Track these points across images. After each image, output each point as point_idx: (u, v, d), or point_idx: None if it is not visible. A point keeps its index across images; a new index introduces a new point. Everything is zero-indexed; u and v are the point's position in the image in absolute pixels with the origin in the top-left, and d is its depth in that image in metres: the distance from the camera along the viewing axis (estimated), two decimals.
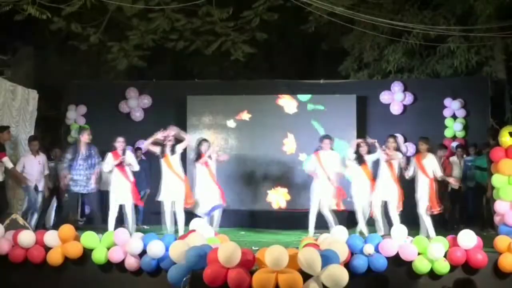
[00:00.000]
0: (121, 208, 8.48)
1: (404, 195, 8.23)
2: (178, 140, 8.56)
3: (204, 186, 8.65)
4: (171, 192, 8.37)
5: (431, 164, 8.15)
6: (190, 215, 8.36)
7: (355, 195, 8.53)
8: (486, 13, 11.23)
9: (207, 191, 8.63)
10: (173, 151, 8.40)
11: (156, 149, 8.45)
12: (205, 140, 8.84)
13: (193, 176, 8.83)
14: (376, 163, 8.47)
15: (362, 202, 8.50)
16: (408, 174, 8.27)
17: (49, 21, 10.65)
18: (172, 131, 8.49)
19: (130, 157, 8.45)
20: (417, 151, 8.33)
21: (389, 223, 8.13)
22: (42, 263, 6.69)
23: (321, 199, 8.60)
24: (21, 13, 10.10)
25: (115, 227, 7.80)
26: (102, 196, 9.08)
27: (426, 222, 8.08)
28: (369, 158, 8.53)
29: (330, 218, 8.52)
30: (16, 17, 10.32)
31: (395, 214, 8.16)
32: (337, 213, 8.70)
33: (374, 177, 8.44)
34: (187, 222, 7.90)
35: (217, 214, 8.76)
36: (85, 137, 8.60)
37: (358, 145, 8.59)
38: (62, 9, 10.66)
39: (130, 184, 8.34)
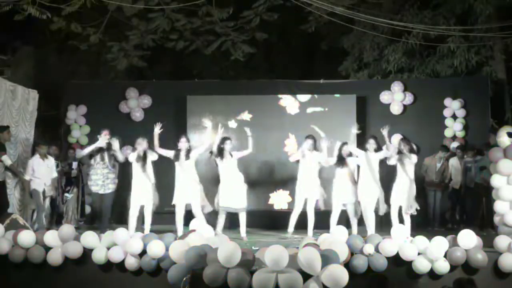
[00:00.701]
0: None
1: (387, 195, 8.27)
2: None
3: (226, 183, 8.53)
4: (186, 196, 8.29)
5: (412, 165, 8.17)
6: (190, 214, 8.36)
7: (335, 197, 8.53)
8: (486, 13, 11.23)
9: (229, 188, 8.50)
10: (187, 156, 8.33)
11: (170, 154, 8.38)
12: (228, 138, 8.70)
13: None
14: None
15: (341, 205, 8.51)
16: (390, 162, 8.26)
17: (49, 21, 10.66)
18: (208, 123, 8.49)
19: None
20: (399, 152, 8.29)
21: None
22: (42, 263, 6.70)
23: (307, 198, 8.63)
24: (21, 13, 10.11)
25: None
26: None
27: (405, 222, 8.03)
28: (352, 161, 8.52)
29: (313, 219, 8.58)
30: (16, 17, 10.33)
31: (371, 214, 8.20)
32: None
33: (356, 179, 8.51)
34: (187, 222, 7.91)
35: (242, 218, 8.59)
36: (105, 138, 8.65)
37: (340, 147, 8.58)
38: (62, 9, 10.66)
39: (151, 185, 8.28)
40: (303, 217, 8.75)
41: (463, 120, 10.53)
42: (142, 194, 8.22)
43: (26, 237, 6.75)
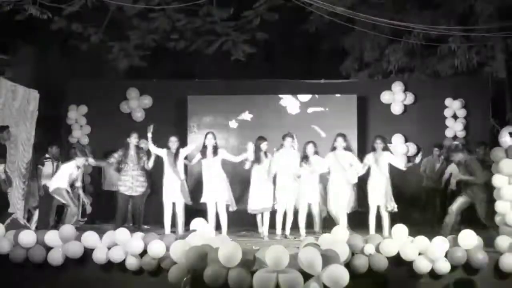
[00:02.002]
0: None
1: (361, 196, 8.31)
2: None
3: (256, 184, 8.48)
4: (213, 193, 8.30)
5: (386, 162, 8.16)
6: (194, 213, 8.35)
7: (301, 197, 8.44)
8: (487, 13, 11.23)
9: (258, 190, 8.46)
10: (215, 152, 8.35)
11: (191, 148, 8.54)
12: (264, 139, 8.61)
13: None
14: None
15: (307, 204, 8.45)
16: (362, 170, 8.21)
17: (50, 21, 10.67)
18: (251, 146, 8.40)
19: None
20: (373, 149, 8.29)
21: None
22: (42, 263, 6.70)
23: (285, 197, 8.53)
24: (22, 13, 10.11)
25: (117, 227, 7.78)
26: (108, 196, 9.08)
27: (384, 220, 8.06)
28: (317, 160, 8.42)
29: (291, 218, 8.49)
30: (17, 17, 10.33)
31: (343, 214, 8.13)
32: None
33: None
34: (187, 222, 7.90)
35: (266, 217, 8.54)
36: (134, 140, 8.73)
37: (304, 146, 8.50)
38: (63, 9, 10.67)
39: (180, 182, 8.32)
40: (307, 217, 8.69)
41: (464, 120, 10.53)
42: (173, 191, 8.26)
43: (27, 236, 6.75)
